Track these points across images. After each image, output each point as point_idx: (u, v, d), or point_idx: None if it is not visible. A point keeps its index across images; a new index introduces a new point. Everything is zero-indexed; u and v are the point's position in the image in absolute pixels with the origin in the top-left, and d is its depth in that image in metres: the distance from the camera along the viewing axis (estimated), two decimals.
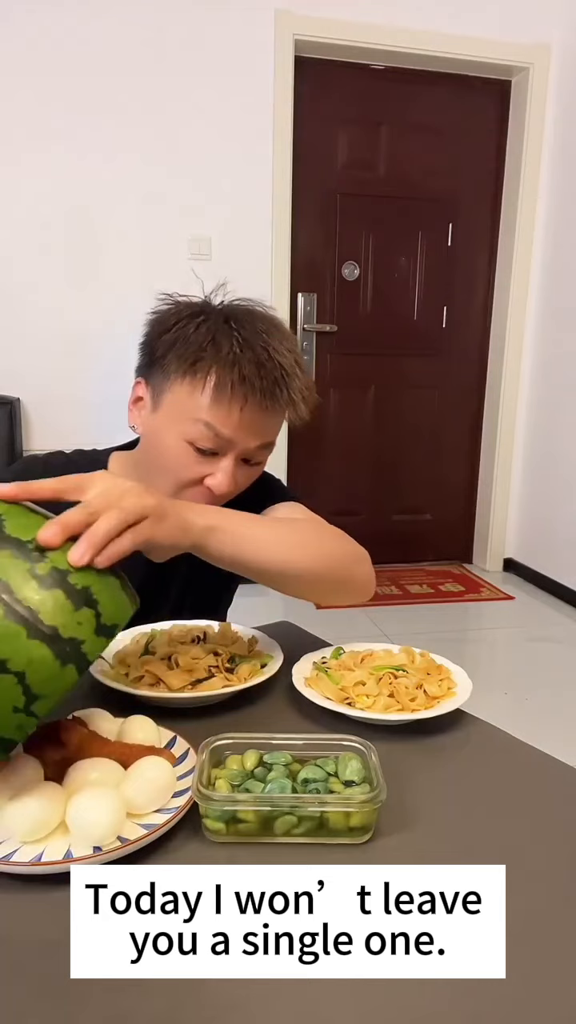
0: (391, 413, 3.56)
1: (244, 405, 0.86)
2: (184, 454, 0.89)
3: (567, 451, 3.24)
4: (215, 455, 0.88)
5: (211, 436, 0.87)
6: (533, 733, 0.84)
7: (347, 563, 0.89)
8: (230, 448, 0.88)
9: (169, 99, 2.91)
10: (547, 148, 3.27)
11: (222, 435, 0.87)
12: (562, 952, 0.50)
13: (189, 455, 0.88)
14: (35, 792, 0.59)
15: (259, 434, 0.89)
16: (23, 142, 2.82)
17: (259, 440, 0.89)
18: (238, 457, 0.89)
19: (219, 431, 0.86)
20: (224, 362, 0.85)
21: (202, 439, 0.87)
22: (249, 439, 0.88)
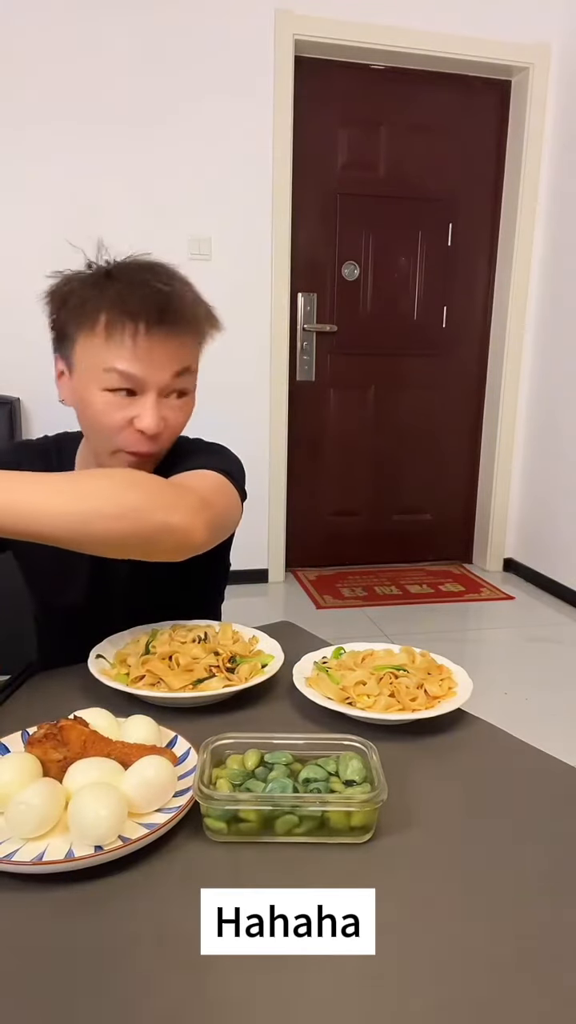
0: (391, 413, 3.56)
1: (136, 336, 0.86)
2: (107, 404, 0.89)
3: (567, 451, 3.24)
4: (134, 395, 0.89)
5: (120, 377, 0.88)
6: (533, 733, 0.84)
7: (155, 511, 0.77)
8: (145, 385, 0.88)
9: (169, 99, 2.91)
10: (547, 148, 3.27)
11: (129, 373, 0.87)
12: (562, 952, 0.50)
13: (111, 404, 0.89)
14: (36, 789, 0.59)
15: (166, 363, 0.89)
16: (23, 142, 2.82)
17: (170, 370, 0.89)
18: (159, 393, 0.89)
19: (124, 370, 0.87)
20: (109, 303, 0.86)
21: (114, 382, 0.88)
22: (158, 371, 0.88)
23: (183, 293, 0.90)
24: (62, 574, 1.04)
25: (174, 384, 0.91)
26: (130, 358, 0.87)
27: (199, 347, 0.94)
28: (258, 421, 3.25)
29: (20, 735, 0.71)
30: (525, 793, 0.68)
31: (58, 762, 0.64)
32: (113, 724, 0.72)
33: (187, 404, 0.95)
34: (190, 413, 0.96)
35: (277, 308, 3.16)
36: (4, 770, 0.61)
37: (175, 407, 0.93)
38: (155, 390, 0.89)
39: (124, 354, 0.87)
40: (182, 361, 0.90)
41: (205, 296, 0.96)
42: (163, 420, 0.91)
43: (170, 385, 0.90)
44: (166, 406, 0.91)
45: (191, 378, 0.93)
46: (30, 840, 0.58)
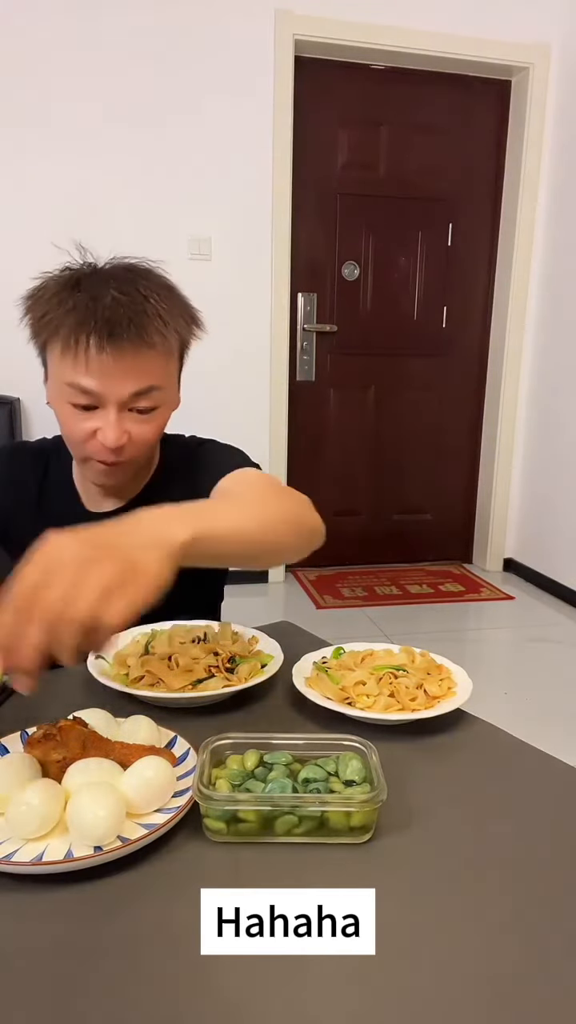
0: (391, 413, 3.56)
1: (89, 352, 0.84)
2: (72, 416, 0.90)
3: (567, 451, 3.24)
4: (96, 410, 0.88)
5: (78, 392, 0.87)
6: (533, 733, 0.84)
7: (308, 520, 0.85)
8: (104, 400, 0.87)
9: (169, 99, 2.91)
10: (547, 148, 3.27)
11: (86, 387, 0.86)
12: (563, 952, 0.50)
13: (76, 416, 0.89)
14: (36, 790, 0.59)
15: (124, 379, 0.86)
16: (23, 143, 2.82)
17: (130, 386, 0.87)
18: (120, 408, 0.88)
19: (81, 384, 0.86)
20: (66, 316, 0.85)
21: (74, 397, 0.88)
22: (115, 387, 0.86)
23: (143, 306, 0.85)
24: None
25: (136, 402, 0.89)
26: (86, 373, 0.86)
27: (168, 360, 0.91)
28: (258, 421, 3.25)
29: (19, 735, 0.71)
30: (525, 793, 0.68)
31: (57, 762, 0.64)
32: (112, 724, 0.72)
33: (156, 418, 0.92)
34: (160, 425, 0.94)
35: (277, 308, 3.16)
36: (3, 771, 0.61)
37: (140, 421, 0.91)
38: (114, 405, 0.88)
39: (80, 369, 0.86)
40: (144, 378, 0.88)
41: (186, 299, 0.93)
42: (126, 434, 0.89)
43: (130, 402, 0.88)
44: (130, 420, 0.90)
45: (159, 394, 0.91)
46: (30, 841, 0.58)
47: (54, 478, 1.05)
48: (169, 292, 0.91)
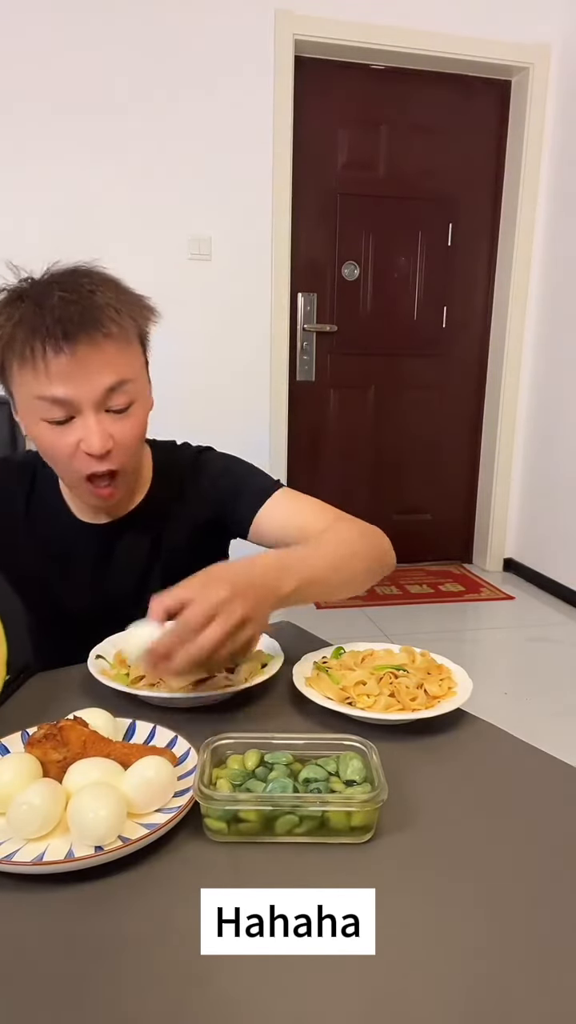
0: (391, 413, 3.56)
1: (47, 357, 0.81)
2: (50, 435, 0.86)
3: (567, 451, 3.24)
4: (73, 420, 0.85)
5: (50, 404, 0.84)
6: (533, 733, 0.84)
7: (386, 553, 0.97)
8: (77, 406, 0.84)
9: (169, 99, 2.91)
10: (547, 148, 3.27)
11: (56, 396, 0.83)
12: (563, 952, 0.50)
13: (54, 433, 0.86)
14: (37, 789, 0.59)
15: (91, 377, 0.83)
16: (23, 143, 2.82)
17: (100, 383, 0.84)
18: (96, 409, 0.85)
19: (50, 394, 0.83)
20: (16, 329, 0.82)
21: (47, 412, 0.84)
22: (85, 387, 0.83)
23: (90, 300, 0.83)
24: (60, 584, 1.03)
25: (111, 400, 0.86)
26: (50, 381, 0.82)
27: (129, 349, 0.88)
28: (258, 421, 3.25)
29: (20, 735, 0.71)
30: (525, 793, 0.68)
31: (58, 762, 0.64)
32: (114, 724, 0.72)
33: (135, 415, 0.89)
34: (140, 424, 0.91)
35: (277, 308, 3.16)
36: (4, 770, 0.61)
37: (120, 420, 0.88)
38: (91, 408, 0.84)
39: (43, 379, 0.82)
40: (111, 372, 0.85)
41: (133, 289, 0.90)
42: (110, 437, 0.86)
43: (105, 400, 0.85)
44: (109, 421, 0.87)
45: (133, 387, 0.88)
46: (30, 840, 0.58)
47: (41, 490, 1.03)
48: (115, 284, 0.89)
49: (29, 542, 1.02)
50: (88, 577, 1.02)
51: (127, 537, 1.02)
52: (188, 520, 1.03)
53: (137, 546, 1.02)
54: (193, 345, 3.02)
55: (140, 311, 0.89)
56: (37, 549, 1.02)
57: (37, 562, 1.02)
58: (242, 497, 1.00)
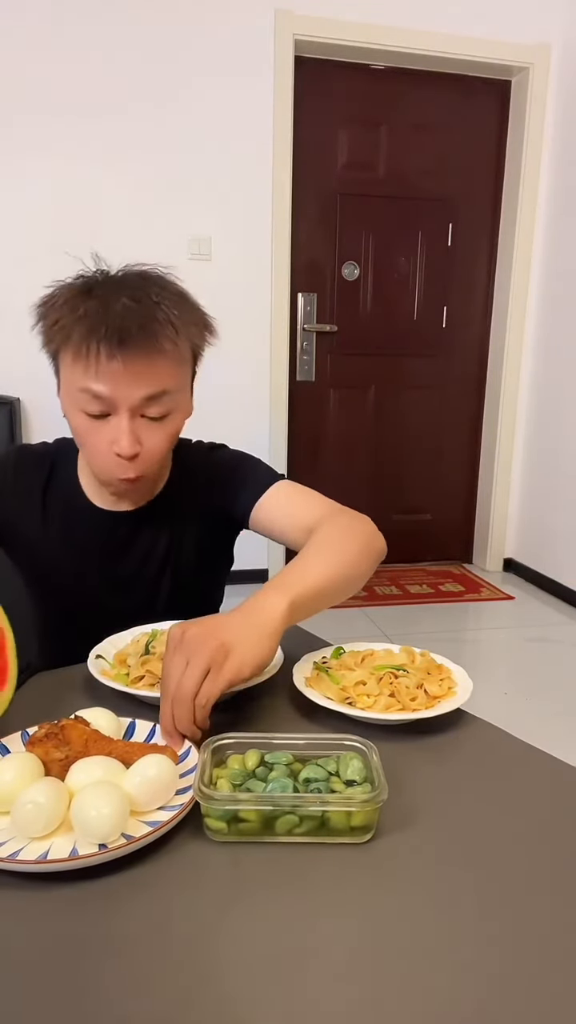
0: (391, 413, 3.56)
1: (100, 357, 0.85)
2: (85, 426, 0.90)
3: (567, 451, 3.24)
4: (109, 418, 0.89)
5: (91, 398, 0.87)
6: (533, 733, 0.84)
7: (377, 547, 0.94)
8: (115, 406, 0.87)
9: (169, 99, 2.91)
10: (547, 148, 3.27)
11: (98, 393, 0.86)
12: (563, 952, 0.50)
13: (89, 425, 0.89)
14: (42, 788, 0.59)
15: (135, 384, 0.86)
16: (23, 142, 2.82)
17: (141, 391, 0.87)
18: (132, 414, 0.88)
19: (93, 390, 0.86)
20: (78, 323, 0.85)
21: (87, 404, 0.88)
22: (127, 392, 0.86)
23: (154, 313, 0.86)
24: (71, 578, 1.04)
25: (148, 408, 0.89)
26: (97, 378, 0.86)
27: (180, 366, 0.91)
28: (258, 421, 3.25)
29: (20, 735, 0.71)
30: (525, 793, 0.68)
31: (59, 761, 0.64)
32: (115, 723, 0.72)
33: (169, 424, 0.92)
34: (173, 433, 0.94)
35: (277, 308, 3.16)
36: (6, 770, 0.62)
37: (153, 428, 0.90)
38: (126, 411, 0.88)
39: (91, 375, 0.86)
40: (155, 383, 0.87)
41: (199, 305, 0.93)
42: (138, 443, 0.89)
43: (142, 407, 0.88)
44: (142, 426, 0.90)
45: (171, 399, 0.90)
46: (34, 839, 0.58)
47: (58, 480, 1.05)
48: (182, 299, 0.91)
49: (47, 532, 1.04)
50: (99, 563, 1.04)
51: (142, 527, 1.05)
52: (199, 514, 1.06)
53: (150, 537, 1.05)
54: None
55: (199, 331, 0.94)
56: (53, 539, 1.04)
57: (53, 551, 1.03)
58: (245, 487, 1.03)
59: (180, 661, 0.69)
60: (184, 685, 0.68)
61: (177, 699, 0.68)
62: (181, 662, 0.69)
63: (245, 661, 0.71)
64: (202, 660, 0.69)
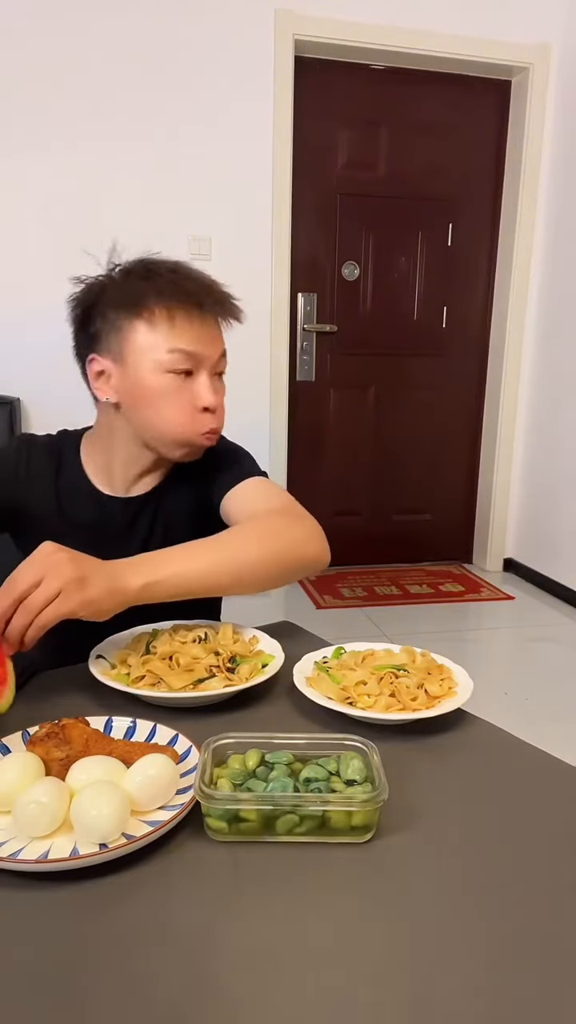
0: (391, 413, 3.56)
1: (194, 318, 0.95)
2: (166, 386, 0.96)
3: (567, 451, 3.24)
4: (191, 375, 0.97)
5: (183, 357, 0.95)
6: (533, 733, 0.84)
7: (294, 550, 0.93)
8: (202, 363, 0.97)
9: (169, 99, 2.91)
10: (547, 148, 3.27)
11: (192, 351, 0.96)
12: (563, 952, 0.50)
13: (170, 384, 0.96)
14: (44, 788, 0.59)
15: (216, 342, 0.99)
16: (23, 142, 2.82)
17: (219, 348, 1.00)
18: (210, 372, 0.98)
19: (187, 349, 0.95)
20: (164, 290, 0.95)
21: (177, 362, 0.95)
22: (211, 349, 0.98)
23: (217, 286, 1.00)
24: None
25: (220, 364, 1.01)
26: (192, 338, 0.95)
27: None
28: (258, 421, 3.25)
29: (21, 735, 0.71)
30: (525, 793, 0.68)
31: (60, 761, 0.64)
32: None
33: (224, 383, 1.04)
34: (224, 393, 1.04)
35: (277, 308, 3.16)
36: (8, 769, 0.62)
37: (218, 385, 1.01)
38: (208, 368, 0.98)
39: (186, 335, 0.95)
40: (223, 343, 1.01)
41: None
42: (219, 396, 1.00)
43: (218, 364, 1.00)
44: (216, 384, 1.00)
45: (226, 362, 1.03)
46: (35, 839, 0.58)
47: (66, 466, 1.07)
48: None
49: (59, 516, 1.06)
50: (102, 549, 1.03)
51: (145, 513, 1.07)
52: (192, 502, 1.08)
53: (153, 523, 1.08)
54: None
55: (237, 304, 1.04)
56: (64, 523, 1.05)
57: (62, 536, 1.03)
58: (223, 477, 1.06)
59: (34, 574, 0.75)
60: (36, 597, 0.75)
61: (24, 608, 0.75)
62: (35, 575, 0.75)
63: (91, 602, 0.77)
64: (58, 582, 0.75)
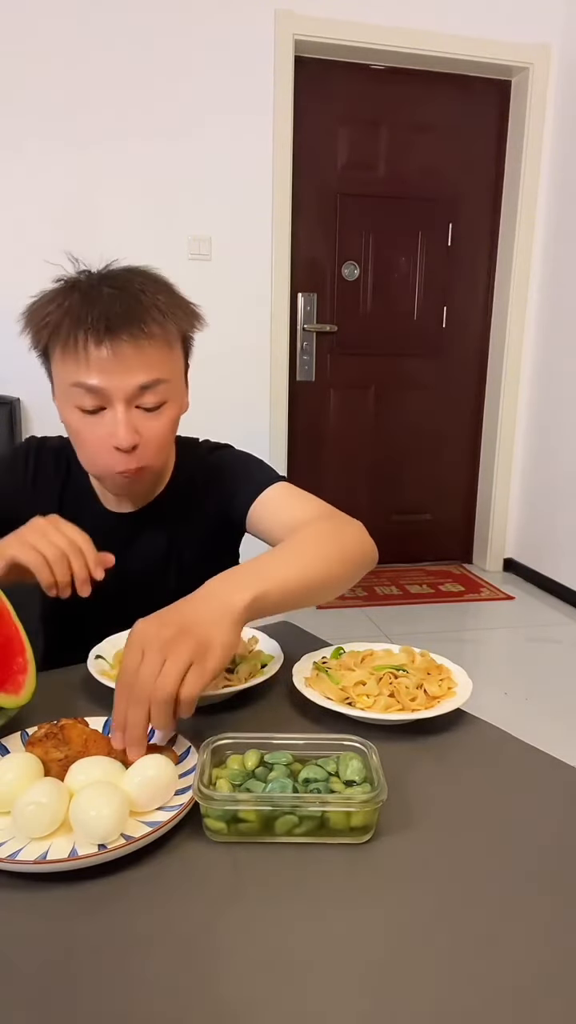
0: (391, 413, 3.56)
1: (88, 348, 0.84)
2: (80, 423, 0.89)
3: (567, 451, 3.24)
4: (104, 412, 0.88)
5: (84, 392, 0.86)
6: (533, 733, 0.84)
7: (357, 551, 0.91)
8: (109, 398, 0.87)
9: (169, 99, 2.91)
10: (547, 148, 3.27)
11: (91, 386, 0.86)
12: (563, 952, 0.50)
13: (84, 422, 0.89)
14: (43, 789, 0.59)
15: (127, 373, 0.86)
16: (23, 142, 2.82)
17: (134, 379, 0.86)
18: (127, 404, 0.87)
19: (85, 383, 0.86)
20: (63, 318, 0.85)
21: (81, 399, 0.87)
22: (120, 381, 0.86)
23: (138, 299, 0.86)
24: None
25: (142, 397, 0.88)
26: (88, 370, 0.85)
27: (170, 352, 0.90)
28: (258, 421, 3.25)
29: (20, 735, 0.71)
30: (525, 793, 0.68)
31: (59, 761, 0.64)
32: None
33: (165, 415, 0.91)
34: (171, 423, 0.93)
35: (277, 308, 3.16)
36: (7, 770, 0.61)
37: (149, 418, 0.90)
38: (121, 401, 0.87)
39: (82, 367, 0.85)
40: (147, 372, 0.87)
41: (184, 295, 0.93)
42: (136, 433, 0.88)
43: (137, 397, 0.88)
44: (138, 417, 0.89)
45: (166, 388, 0.90)
46: (34, 840, 0.58)
47: (74, 479, 1.05)
48: (166, 287, 0.92)
49: None
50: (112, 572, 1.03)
51: (147, 527, 1.05)
52: (201, 516, 1.06)
53: (155, 537, 1.05)
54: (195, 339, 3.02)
55: (186, 316, 0.93)
56: None
57: None
58: (243, 489, 1.01)
59: (155, 660, 0.65)
60: (162, 685, 0.64)
61: (155, 699, 0.64)
62: (156, 661, 0.65)
63: (225, 654, 0.69)
64: (183, 657, 0.65)
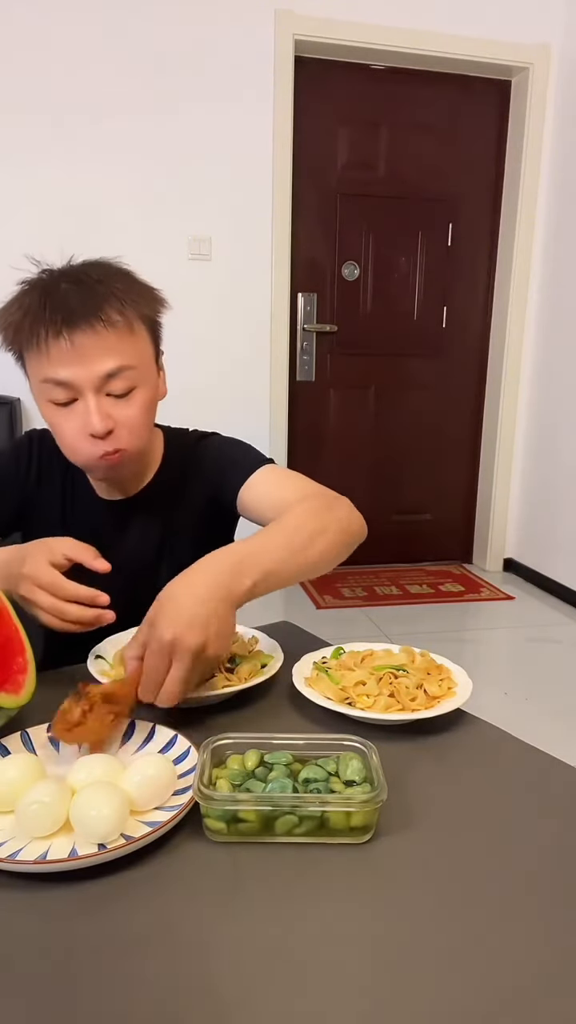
0: (391, 413, 3.56)
1: (49, 342, 0.86)
2: (56, 417, 0.91)
3: (567, 451, 3.24)
4: (76, 403, 0.90)
5: (54, 386, 0.89)
6: (533, 733, 0.84)
7: (346, 527, 0.92)
8: (79, 389, 0.88)
9: (169, 99, 2.91)
10: (547, 148, 3.27)
11: (59, 379, 0.88)
12: (563, 952, 0.50)
13: (59, 415, 0.91)
14: (46, 788, 0.59)
15: (91, 363, 0.87)
16: (23, 142, 2.82)
17: (98, 368, 0.88)
18: (96, 392, 0.89)
19: (53, 377, 0.88)
20: (25, 318, 0.87)
21: (52, 393, 0.89)
22: (85, 372, 0.87)
23: (95, 289, 0.88)
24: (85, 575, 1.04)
25: (110, 385, 0.89)
26: (53, 364, 0.87)
27: (134, 338, 0.91)
28: (258, 421, 3.25)
29: (20, 735, 0.71)
30: (525, 793, 0.68)
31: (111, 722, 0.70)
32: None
33: (136, 400, 0.92)
34: (145, 408, 0.94)
35: (277, 308, 3.16)
36: (8, 770, 0.61)
37: (121, 404, 0.91)
38: (90, 391, 0.88)
39: (47, 362, 0.87)
40: (112, 359, 0.88)
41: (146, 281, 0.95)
42: (110, 418, 0.90)
43: (104, 385, 0.89)
44: (111, 404, 0.90)
45: (134, 374, 0.91)
46: (35, 839, 0.58)
47: (73, 468, 1.06)
48: (125, 275, 0.93)
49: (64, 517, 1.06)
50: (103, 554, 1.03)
51: (138, 516, 1.06)
52: (192, 503, 1.07)
53: (147, 526, 1.06)
54: (193, 345, 3.02)
55: (148, 301, 0.94)
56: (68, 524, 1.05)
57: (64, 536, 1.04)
58: (232, 473, 1.03)
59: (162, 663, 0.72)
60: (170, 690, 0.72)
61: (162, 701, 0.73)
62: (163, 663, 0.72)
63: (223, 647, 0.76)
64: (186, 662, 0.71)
